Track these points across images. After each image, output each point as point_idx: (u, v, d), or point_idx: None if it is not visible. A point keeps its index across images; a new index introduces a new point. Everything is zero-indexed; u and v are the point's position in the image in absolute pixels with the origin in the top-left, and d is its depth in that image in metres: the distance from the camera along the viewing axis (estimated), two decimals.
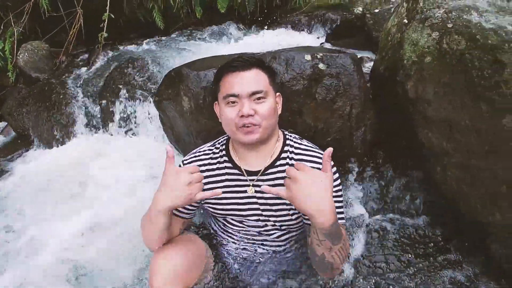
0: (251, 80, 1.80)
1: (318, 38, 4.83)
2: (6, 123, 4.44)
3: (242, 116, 1.77)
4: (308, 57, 2.35)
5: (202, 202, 2.05)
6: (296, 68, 2.34)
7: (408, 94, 2.25)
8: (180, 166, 2.00)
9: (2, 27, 4.75)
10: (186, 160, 2.04)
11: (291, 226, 1.99)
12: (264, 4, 5.32)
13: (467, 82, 1.96)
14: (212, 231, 2.23)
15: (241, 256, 2.11)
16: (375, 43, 2.78)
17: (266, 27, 5.17)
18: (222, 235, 2.14)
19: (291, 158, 1.93)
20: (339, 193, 1.90)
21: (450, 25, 2.04)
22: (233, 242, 2.10)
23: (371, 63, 3.00)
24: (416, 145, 2.31)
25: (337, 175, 1.91)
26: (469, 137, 2.00)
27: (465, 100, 1.98)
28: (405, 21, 2.32)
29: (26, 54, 4.53)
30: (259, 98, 1.79)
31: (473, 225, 2.11)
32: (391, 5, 3.99)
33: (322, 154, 1.90)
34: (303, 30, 5.06)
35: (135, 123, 3.35)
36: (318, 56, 2.37)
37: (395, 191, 2.45)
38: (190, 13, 5.21)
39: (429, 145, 2.20)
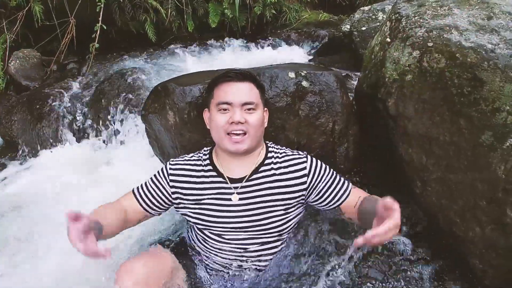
0: (244, 91, 1.91)
1: (307, 53, 4.90)
2: None
3: (232, 122, 1.86)
4: (292, 74, 2.40)
5: (180, 206, 2.09)
6: (279, 85, 2.39)
7: (389, 111, 2.29)
8: (166, 167, 2.09)
9: None
10: (173, 162, 2.11)
11: (271, 235, 2.03)
12: (255, 20, 5.39)
13: (447, 99, 2.00)
14: (189, 243, 2.24)
15: (217, 270, 2.12)
16: (361, 60, 2.84)
17: (255, 43, 5.22)
18: (200, 248, 2.15)
19: (275, 163, 2.02)
20: (331, 169, 2.07)
21: (430, 44, 2.09)
22: (211, 255, 2.11)
23: (357, 80, 3.05)
24: (397, 160, 2.34)
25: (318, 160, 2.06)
26: (448, 153, 2.04)
27: (444, 116, 2.02)
28: (388, 39, 2.37)
29: (17, 61, 4.56)
30: (249, 109, 1.89)
31: (454, 240, 2.13)
32: (378, 23, 4.04)
33: (301, 153, 2.08)
34: (293, 45, 5.13)
35: (123, 134, 3.38)
36: (302, 74, 2.42)
37: None
38: (182, 26, 5.27)
39: (410, 160, 2.24)
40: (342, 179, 2.03)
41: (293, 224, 2.09)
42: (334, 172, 2.06)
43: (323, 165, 2.06)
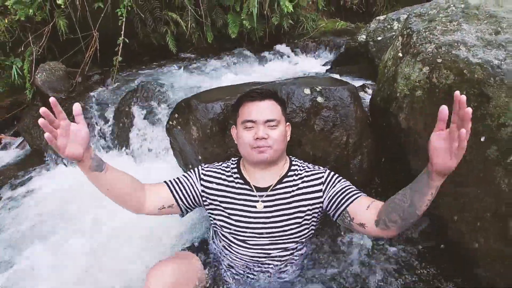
0: (266, 109, 2.06)
1: (323, 65, 4.98)
2: (23, 138, 4.63)
3: (257, 138, 2.01)
4: (307, 91, 2.50)
5: (213, 214, 2.23)
6: (296, 102, 2.49)
7: (400, 125, 2.38)
8: (198, 169, 2.25)
9: (23, 48, 4.94)
10: (205, 164, 2.28)
11: (293, 241, 2.16)
12: (272, 30, 5.50)
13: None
14: (213, 249, 2.37)
15: (240, 274, 2.24)
16: (377, 70, 2.92)
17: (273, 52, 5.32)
18: (225, 254, 2.28)
19: (297, 175, 2.16)
20: (347, 183, 2.15)
21: (439, 60, 2.16)
22: (235, 260, 2.24)
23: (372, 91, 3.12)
24: (409, 173, 2.41)
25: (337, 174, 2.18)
26: (457, 166, 2.11)
27: None
28: (400, 54, 2.45)
29: (44, 73, 4.70)
30: (272, 125, 2.04)
31: (461, 250, 2.21)
32: (393, 33, 4.09)
33: (322, 168, 2.20)
34: (310, 54, 5.22)
35: (148, 146, 3.54)
36: (317, 89, 2.52)
37: None
38: (202, 37, 5.41)
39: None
40: (356, 189, 2.11)
41: (312, 231, 2.22)
42: (349, 183, 2.15)
43: (339, 177, 2.17)
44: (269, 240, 2.14)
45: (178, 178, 2.22)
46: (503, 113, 1.94)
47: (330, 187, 2.11)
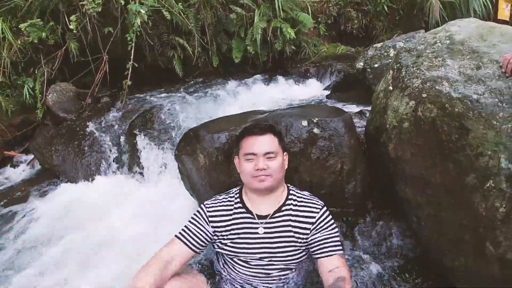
0: (265, 143, 2.27)
1: (324, 89, 5.17)
2: (33, 156, 4.79)
3: (257, 169, 2.22)
4: (304, 123, 2.70)
5: (217, 241, 2.40)
6: (294, 133, 2.70)
7: (390, 155, 2.56)
8: (204, 210, 2.39)
9: (36, 71, 5.15)
10: (208, 204, 2.43)
11: (291, 263, 2.35)
12: (276, 55, 5.71)
13: (438, 145, 2.26)
14: (217, 268, 2.55)
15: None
16: None
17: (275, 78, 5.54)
18: (227, 273, 2.47)
19: (294, 205, 2.35)
20: (335, 229, 2.32)
21: (424, 95, 2.35)
22: (236, 279, 2.43)
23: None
24: (397, 198, 2.61)
25: (330, 216, 2.34)
26: (439, 192, 2.30)
27: (436, 160, 2.28)
28: (390, 88, 2.64)
29: (55, 94, 4.92)
30: (271, 157, 2.25)
31: (442, 270, 2.40)
32: (390, 60, 4.25)
33: (319, 202, 2.35)
34: (311, 80, 5.44)
35: (154, 169, 3.76)
36: (314, 121, 2.71)
37: (377, 236, 2.76)
38: (208, 61, 5.63)
39: (407, 198, 2.51)
40: (336, 243, 2.29)
41: (307, 254, 2.39)
42: (334, 233, 2.32)
43: (328, 222, 2.33)
44: (269, 261, 2.33)
45: (189, 229, 2.35)
46: (481, 143, 2.11)
47: (316, 231, 2.29)
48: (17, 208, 3.85)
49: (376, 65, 4.41)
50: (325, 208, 2.34)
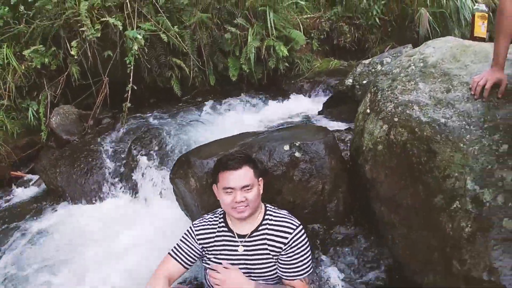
0: (242, 177, 2.40)
1: (317, 103, 5.30)
2: (39, 176, 4.95)
3: (236, 202, 2.37)
4: (286, 147, 2.84)
5: (206, 258, 2.58)
6: (276, 157, 2.84)
7: (366, 175, 2.71)
8: (190, 227, 2.60)
9: (40, 96, 5.35)
10: (196, 223, 2.62)
11: (269, 279, 2.52)
12: (270, 72, 5.88)
13: (409, 167, 2.40)
14: (205, 282, 2.73)
15: None
16: None
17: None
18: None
19: (270, 224, 2.49)
20: (306, 250, 2.46)
21: (396, 119, 2.49)
22: None
23: None
24: (374, 217, 2.75)
25: (304, 235, 2.46)
26: (410, 213, 2.44)
27: (407, 182, 2.42)
28: (368, 111, 2.77)
29: (58, 117, 5.09)
30: (247, 189, 2.39)
31: (415, 286, 2.53)
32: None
33: (294, 222, 2.47)
34: (304, 96, 5.62)
35: (154, 190, 3.94)
36: (296, 144, 2.85)
37: (357, 252, 2.88)
38: (205, 80, 5.81)
39: (382, 217, 2.65)
40: (303, 266, 2.44)
41: None
42: (304, 256, 2.46)
43: (301, 243, 2.45)
44: (248, 277, 2.50)
45: (181, 248, 2.56)
46: (448, 166, 2.24)
47: (285, 252, 2.44)
48: (18, 225, 4.03)
49: (364, 82, 4.50)
50: (300, 227, 2.46)
